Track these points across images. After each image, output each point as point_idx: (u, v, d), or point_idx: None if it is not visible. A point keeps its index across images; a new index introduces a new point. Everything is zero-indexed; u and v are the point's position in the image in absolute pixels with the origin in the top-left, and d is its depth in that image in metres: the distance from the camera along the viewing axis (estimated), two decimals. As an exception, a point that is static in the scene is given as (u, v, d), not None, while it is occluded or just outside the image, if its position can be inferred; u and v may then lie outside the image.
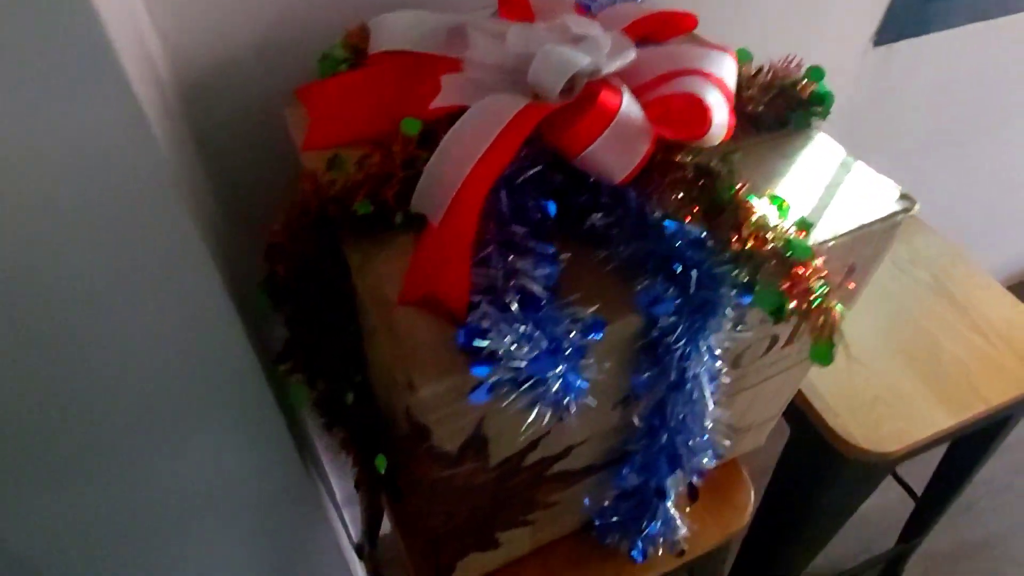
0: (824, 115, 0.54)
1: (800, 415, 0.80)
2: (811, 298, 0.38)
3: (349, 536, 1.19)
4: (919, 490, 1.19)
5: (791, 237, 0.39)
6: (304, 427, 0.90)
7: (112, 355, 0.51)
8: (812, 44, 0.86)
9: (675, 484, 0.52)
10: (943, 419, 0.78)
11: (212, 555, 0.75)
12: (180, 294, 0.49)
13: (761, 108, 0.51)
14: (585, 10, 0.51)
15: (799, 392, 0.80)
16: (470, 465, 0.46)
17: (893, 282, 0.92)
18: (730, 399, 0.57)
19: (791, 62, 0.53)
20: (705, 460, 0.49)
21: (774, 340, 0.53)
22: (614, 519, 0.61)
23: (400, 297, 0.41)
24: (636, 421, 0.50)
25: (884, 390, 0.81)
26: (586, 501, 0.61)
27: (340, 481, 1.17)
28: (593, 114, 0.38)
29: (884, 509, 1.39)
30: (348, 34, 0.55)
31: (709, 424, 0.47)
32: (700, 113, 0.38)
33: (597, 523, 0.63)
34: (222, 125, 0.59)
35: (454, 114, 0.44)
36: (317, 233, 0.44)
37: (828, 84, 0.53)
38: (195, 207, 0.48)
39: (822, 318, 0.38)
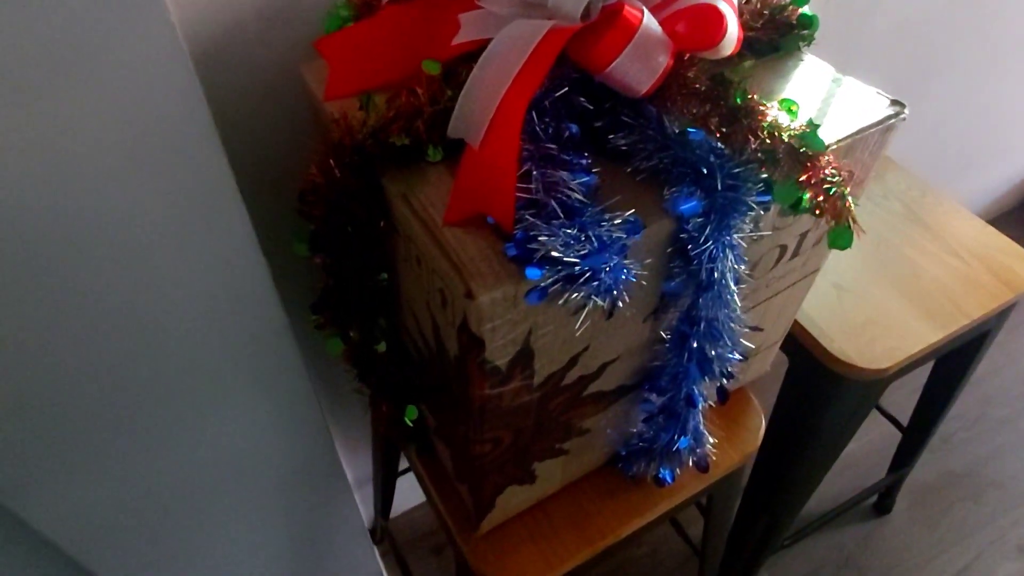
0: (811, 39, 0.58)
1: (798, 345, 0.84)
2: (826, 187, 0.42)
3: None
4: (905, 422, 1.25)
5: (804, 132, 0.42)
6: (320, 409, 0.91)
7: (149, 316, 0.51)
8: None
9: (705, 391, 0.55)
10: (931, 334, 0.83)
11: (238, 527, 0.75)
12: (217, 253, 0.51)
13: (754, 33, 0.55)
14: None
15: (796, 323, 0.84)
16: (517, 383, 0.48)
17: (870, 216, 0.97)
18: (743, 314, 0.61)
19: (776, -11, 0.57)
20: (734, 361, 0.52)
21: (783, 251, 0.56)
22: (640, 446, 0.64)
23: (446, 218, 0.43)
24: (665, 334, 0.52)
25: (874, 313, 0.85)
26: (611, 432, 0.63)
27: (350, 464, 1.18)
28: (617, 30, 0.41)
29: (872, 447, 1.45)
30: (353, -8, 0.57)
31: (734, 326, 0.50)
32: (716, 20, 0.41)
33: (623, 452, 0.66)
34: (232, 91, 0.60)
35: (474, 52, 0.47)
36: (356, 169, 0.46)
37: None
38: (227, 165, 0.49)
39: (839, 203, 0.42)
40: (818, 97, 0.53)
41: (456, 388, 0.50)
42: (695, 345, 0.50)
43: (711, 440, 0.61)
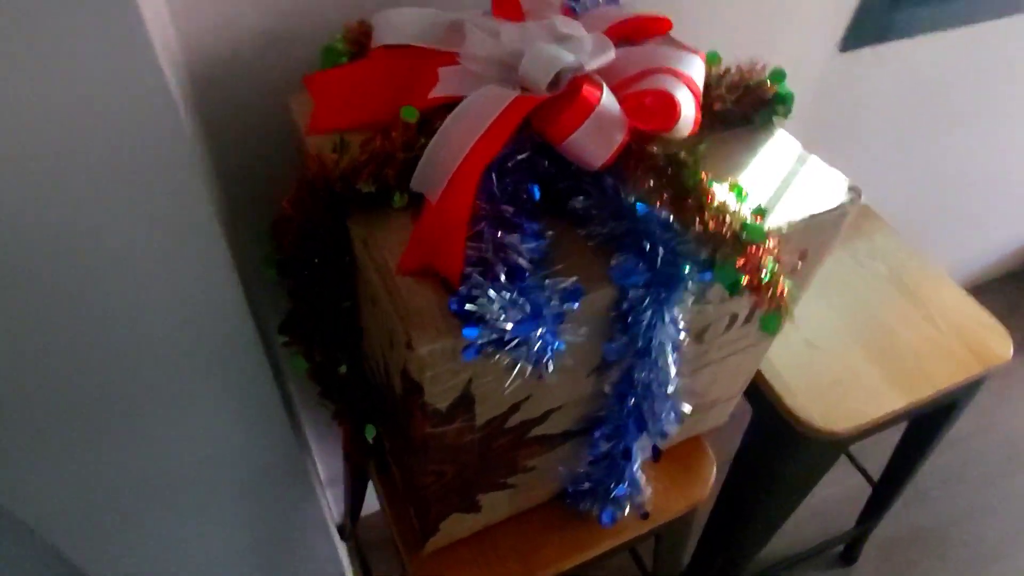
0: (786, 114, 0.59)
1: (762, 396, 0.86)
2: (762, 274, 0.44)
3: (331, 515, 1.22)
4: (876, 476, 1.26)
5: (747, 221, 0.44)
6: (294, 408, 0.94)
7: (122, 322, 0.54)
8: (781, 48, 0.92)
9: (641, 447, 0.57)
10: (895, 401, 0.85)
11: (203, 523, 0.78)
12: (191, 265, 0.53)
13: (728, 106, 0.57)
14: (571, 11, 0.56)
15: (761, 375, 0.86)
16: (459, 424, 0.50)
17: (853, 275, 0.99)
18: (695, 374, 0.62)
19: (757, 65, 0.59)
20: (668, 424, 0.54)
21: (734, 318, 0.58)
22: (586, 485, 0.66)
23: (399, 267, 0.45)
24: (607, 389, 0.55)
25: (842, 373, 0.87)
26: (561, 469, 0.66)
27: (324, 462, 1.21)
28: (576, 106, 0.43)
29: (843, 496, 1.46)
30: (348, 29, 0.59)
31: (671, 390, 0.52)
32: (670, 107, 0.43)
33: (570, 490, 0.68)
34: (226, 111, 0.63)
35: (450, 104, 0.49)
36: (324, 209, 0.48)
37: (794, 86, 0.58)
38: (207, 184, 0.52)
39: (771, 291, 0.43)
40: (780, 175, 0.54)
41: (402, 421, 0.52)
42: (632, 404, 0.52)
43: (647, 491, 0.63)
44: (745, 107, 0.58)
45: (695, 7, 0.81)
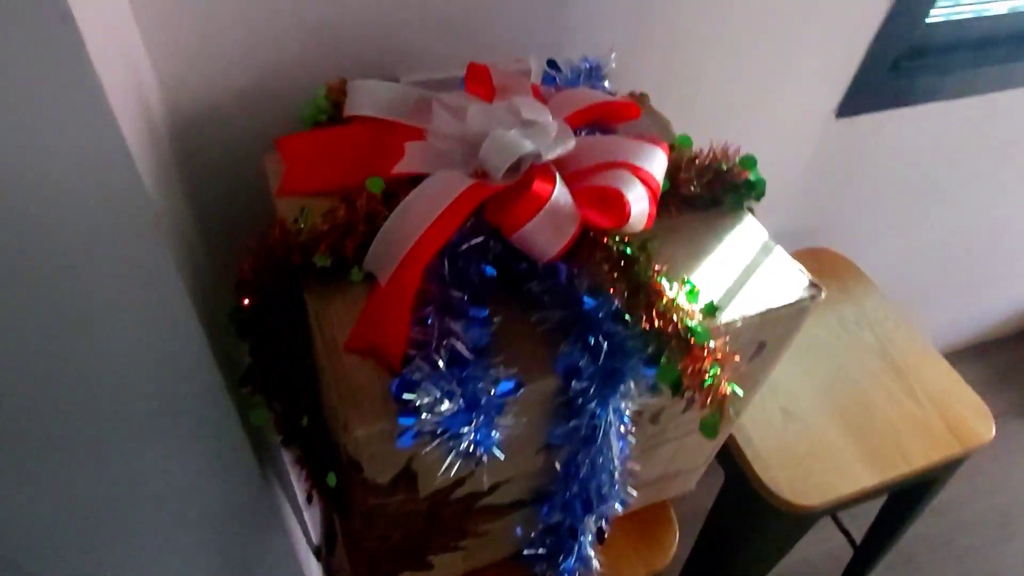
0: (758, 198, 0.59)
1: (734, 463, 0.85)
2: (703, 379, 0.44)
3: (309, 538, 1.23)
4: (859, 538, 1.24)
5: (692, 323, 0.44)
6: (266, 437, 0.94)
7: (85, 367, 0.55)
8: (777, 113, 0.92)
9: (587, 526, 0.57)
10: (868, 477, 0.84)
11: (170, 553, 0.79)
12: (152, 318, 0.54)
13: (697, 189, 0.57)
14: (542, 90, 0.57)
15: (733, 440, 0.85)
16: (401, 496, 0.51)
17: (838, 341, 0.98)
18: (653, 450, 0.62)
19: (729, 148, 0.59)
20: (611, 509, 0.54)
21: (691, 401, 0.58)
22: (541, 550, 0.66)
23: (346, 344, 0.46)
24: (557, 466, 0.55)
25: (816, 445, 0.86)
26: (517, 531, 0.66)
27: (303, 485, 1.22)
28: (527, 199, 0.43)
29: (825, 555, 1.44)
30: (329, 88, 0.60)
31: (616, 476, 0.52)
32: (619, 207, 0.44)
33: (525, 552, 0.68)
34: (208, 160, 0.64)
35: (416, 178, 0.50)
36: (281, 277, 0.49)
37: (789, 150, 0.57)
38: (174, 239, 0.53)
39: (710, 397, 0.43)
40: (742, 263, 0.54)
41: (344, 487, 0.53)
42: (575, 490, 0.52)
43: (597, 568, 0.63)
44: (715, 191, 0.58)
45: (689, 71, 0.81)
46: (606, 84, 0.66)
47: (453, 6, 0.64)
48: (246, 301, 0.53)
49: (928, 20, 0.92)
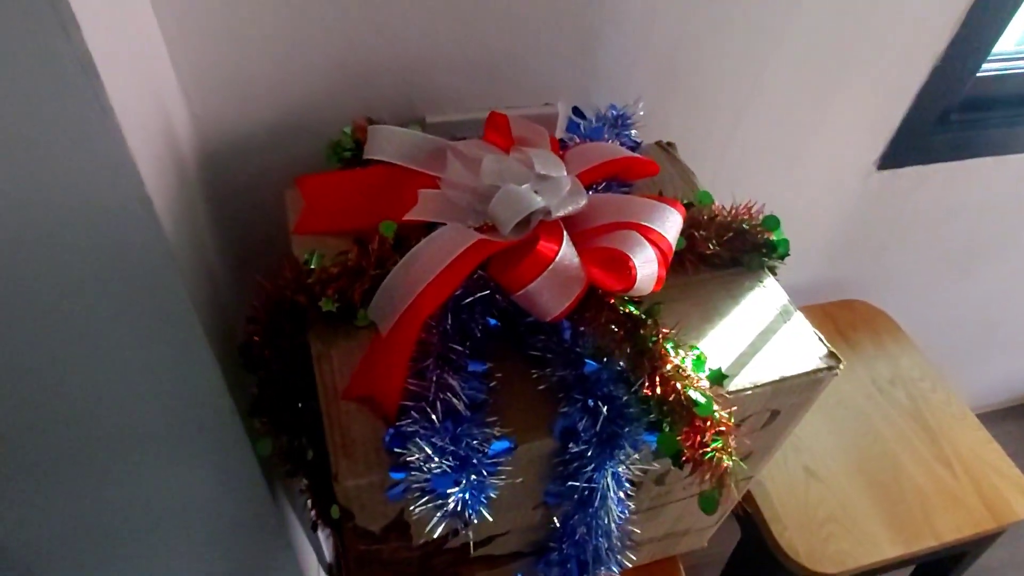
0: (781, 258, 0.58)
1: (750, 521, 0.83)
2: (704, 452, 0.42)
3: (322, 556, 1.24)
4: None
5: (695, 394, 0.43)
6: (263, 479, 0.96)
7: (103, 395, 0.57)
8: (816, 162, 0.90)
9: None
10: (890, 548, 0.80)
11: (171, 570, 0.80)
12: (168, 348, 0.56)
13: (715, 248, 0.55)
14: (565, 137, 0.56)
15: (751, 497, 0.82)
16: (394, 544, 0.50)
17: (869, 401, 0.94)
18: (658, 510, 0.61)
19: (753, 207, 0.57)
20: (608, 572, 0.52)
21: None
22: (542, 600, 0.65)
23: (345, 392, 0.46)
24: (556, 522, 0.53)
25: (838, 509, 0.83)
26: (518, 577, 0.64)
27: (308, 514, 1.23)
28: (531, 259, 0.43)
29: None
30: (356, 127, 0.61)
31: (615, 540, 0.51)
32: (626, 270, 0.43)
33: (526, 600, 0.67)
34: (236, 191, 0.66)
35: (429, 225, 0.50)
36: (288, 317, 0.50)
37: (828, 201, 0.54)
38: (191, 275, 0.54)
39: (709, 472, 0.42)
40: (757, 328, 0.53)
41: (336, 531, 0.53)
42: (571, 551, 0.51)
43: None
44: (734, 250, 0.56)
45: (721, 118, 0.80)
46: (633, 132, 0.65)
47: (481, 48, 0.65)
48: (255, 337, 0.53)
49: (979, 73, 0.89)
